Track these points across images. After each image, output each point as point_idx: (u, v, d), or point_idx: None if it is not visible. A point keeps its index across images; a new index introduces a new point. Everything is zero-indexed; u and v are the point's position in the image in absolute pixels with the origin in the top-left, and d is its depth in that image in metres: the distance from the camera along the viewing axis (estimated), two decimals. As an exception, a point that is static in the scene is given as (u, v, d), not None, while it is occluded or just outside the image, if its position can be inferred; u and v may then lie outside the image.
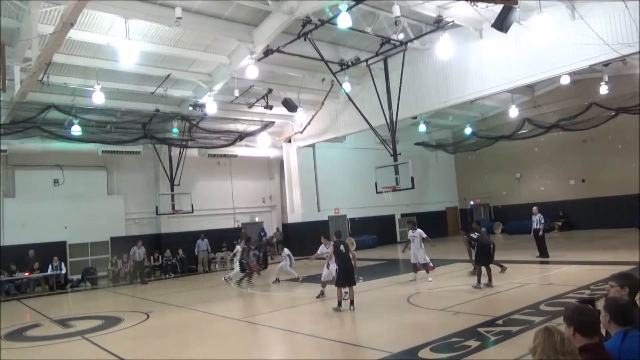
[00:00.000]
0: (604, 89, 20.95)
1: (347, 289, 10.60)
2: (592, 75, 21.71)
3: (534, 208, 17.00)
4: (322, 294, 12.04)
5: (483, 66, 16.77)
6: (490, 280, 11.77)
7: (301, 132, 24.35)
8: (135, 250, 18.86)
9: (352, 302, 10.35)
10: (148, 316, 11.46)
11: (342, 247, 10.51)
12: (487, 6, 12.86)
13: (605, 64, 17.27)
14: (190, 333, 9.47)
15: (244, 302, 13.22)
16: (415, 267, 13.84)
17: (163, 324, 10.66)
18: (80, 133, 18.25)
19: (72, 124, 18.02)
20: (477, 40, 16.77)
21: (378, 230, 27.66)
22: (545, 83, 23.19)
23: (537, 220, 16.44)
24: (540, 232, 16.35)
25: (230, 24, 15.30)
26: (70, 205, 20.16)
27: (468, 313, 8.97)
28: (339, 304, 10.24)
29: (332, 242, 10.84)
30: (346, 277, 10.29)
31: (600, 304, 3.35)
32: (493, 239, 15.69)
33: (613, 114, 21.58)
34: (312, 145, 25.84)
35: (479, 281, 11.65)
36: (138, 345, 8.78)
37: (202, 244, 22.30)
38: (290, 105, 19.88)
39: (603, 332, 3.24)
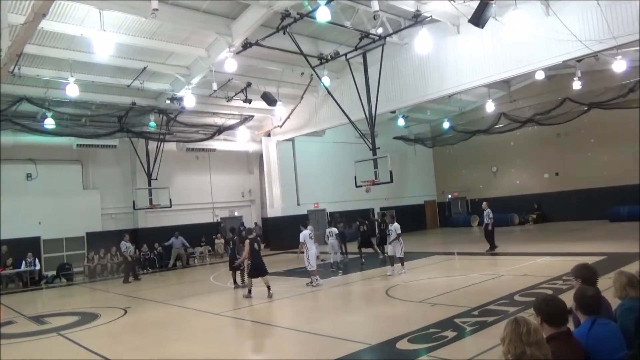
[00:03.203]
0: (576, 85, 21.41)
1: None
2: (566, 71, 22.18)
3: (484, 204, 17.36)
4: (312, 282, 12.69)
5: (460, 61, 16.97)
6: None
7: (280, 126, 24.29)
8: (128, 245, 17.54)
9: (269, 288, 11.59)
10: (125, 312, 11.34)
11: (255, 245, 11.76)
12: (464, 1, 13.03)
13: (578, 60, 17.65)
14: (169, 329, 9.41)
15: (223, 296, 13.16)
16: (392, 260, 13.87)
17: (141, 320, 10.58)
18: (53, 126, 17.92)
19: (45, 117, 17.67)
20: (454, 36, 16.95)
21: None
22: (520, 78, 23.58)
23: (487, 215, 16.80)
24: (490, 227, 16.76)
25: (208, 17, 15.12)
26: (44, 200, 19.75)
27: (445, 304, 9.13)
28: (249, 292, 11.76)
29: (248, 240, 11.81)
30: (257, 269, 11.66)
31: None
32: (470, 231, 15.96)
33: (585, 108, 22.11)
34: (292, 139, 25.81)
35: None
36: (115, 342, 8.70)
37: (177, 242, 21.59)
38: (269, 99, 19.80)
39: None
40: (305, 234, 12.98)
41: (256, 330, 9.18)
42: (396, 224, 13.94)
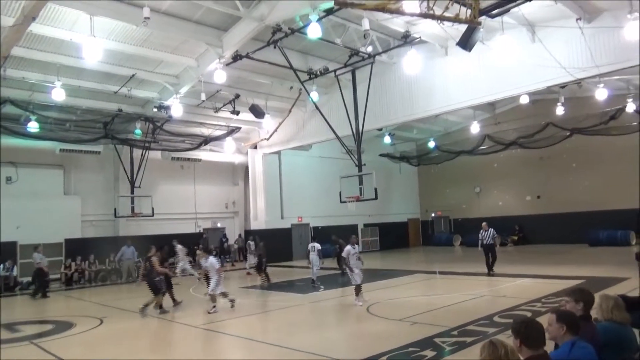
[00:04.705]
0: (560, 110, 21.89)
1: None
2: (550, 96, 22.67)
3: (484, 224, 16.64)
4: (214, 307, 11.49)
5: (447, 82, 17.26)
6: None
7: (267, 139, 24.31)
8: (42, 257, 16.35)
9: (160, 306, 11.79)
10: (102, 321, 11.11)
11: (147, 263, 12.28)
12: (452, 24, 13.26)
13: (562, 86, 18.09)
14: (145, 339, 9.25)
15: (202, 308, 12.98)
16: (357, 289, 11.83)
17: (117, 330, 10.36)
18: (37, 130, 17.68)
19: (28, 120, 17.44)
20: (442, 57, 17.26)
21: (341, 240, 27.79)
22: (505, 101, 24.04)
23: (491, 235, 16.21)
24: (497, 246, 16.62)
25: (199, 27, 15.18)
26: (24, 204, 19.32)
27: (425, 323, 9.14)
28: (160, 306, 11.84)
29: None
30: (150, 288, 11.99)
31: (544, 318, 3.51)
32: (452, 250, 16.00)
33: (568, 134, 22.55)
34: (278, 153, 25.84)
35: None
36: (90, 352, 8.50)
37: (128, 252, 19.61)
38: (257, 112, 19.84)
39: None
40: (214, 260, 12.06)
41: (234, 343, 9.05)
42: (349, 247, 11.86)
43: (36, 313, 13.13)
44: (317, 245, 16.27)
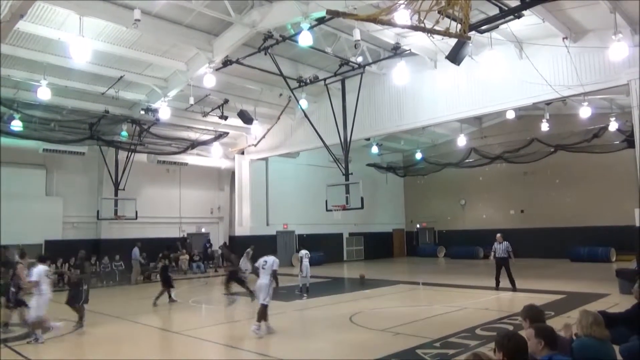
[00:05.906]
0: (545, 126, 22.21)
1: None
2: (535, 112, 23.01)
3: (498, 235, 15.57)
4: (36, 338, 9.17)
5: (436, 95, 17.43)
6: None
7: (255, 145, 24.26)
8: None
9: (6, 324, 10.44)
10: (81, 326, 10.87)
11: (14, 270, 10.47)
12: (442, 38, 13.40)
13: (547, 103, 18.38)
14: (124, 345, 9.08)
15: (183, 314, 12.82)
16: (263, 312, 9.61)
17: (95, 335, 10.16)
18: (20, 129, 17.40)
19: (12, 118, 17.16)
20: (431, 70, 17.44)
21: (326, 248, 27.76)
22: (492, 116, 24.35)
23: (506, 248, 15.21)
24: (512, 260, 15.38)
25: (190, 31, 15.14)
26: (3, 204, 18.94)
27: (408, 334, 9.13)
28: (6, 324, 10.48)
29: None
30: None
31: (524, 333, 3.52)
32: (436, 262, 16.00)
33: (552, 150, 22.88)
34: (265, 159, 25.79)
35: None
36: (65, 356, 8.32)
37: (135, 252, 19.97)
38: (245, 118, 19.80)
39: None
40: (41, 271, 9.67)
41: (216, 351, 8.94)
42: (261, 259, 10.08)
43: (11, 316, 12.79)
44: (308, 253, 16.32)
